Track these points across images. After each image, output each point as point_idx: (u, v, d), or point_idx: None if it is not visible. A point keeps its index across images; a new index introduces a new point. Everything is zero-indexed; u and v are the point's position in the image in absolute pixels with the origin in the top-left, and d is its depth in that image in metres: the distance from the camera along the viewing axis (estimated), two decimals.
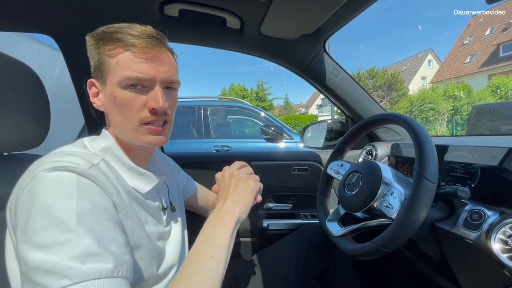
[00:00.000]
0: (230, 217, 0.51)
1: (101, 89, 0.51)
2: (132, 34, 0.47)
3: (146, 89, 0.49)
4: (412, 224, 0.52)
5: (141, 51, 0.48)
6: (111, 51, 0.48)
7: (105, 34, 0.48)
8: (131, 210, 0.49)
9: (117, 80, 0.47)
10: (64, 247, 0.36)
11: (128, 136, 0.52)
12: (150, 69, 0.48)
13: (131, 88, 0.48)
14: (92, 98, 0.53)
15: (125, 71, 0.47)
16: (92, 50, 0.50)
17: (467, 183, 0.64)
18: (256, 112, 3.68)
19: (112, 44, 0.47)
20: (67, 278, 0.34)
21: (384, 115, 0.74)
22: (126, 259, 0.41)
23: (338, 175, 0.79)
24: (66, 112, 1.95)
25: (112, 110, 0.51)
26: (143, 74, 0.48)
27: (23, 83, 0.58)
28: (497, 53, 17.99)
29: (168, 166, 0.73)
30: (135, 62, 0.47)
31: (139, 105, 0.49)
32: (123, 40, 0.47)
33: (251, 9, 0.81)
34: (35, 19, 0.83)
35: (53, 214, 0.37)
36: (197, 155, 1.30)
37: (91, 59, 0.51)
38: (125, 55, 0.47)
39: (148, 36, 0.48)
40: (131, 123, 0.50)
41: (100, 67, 0.49)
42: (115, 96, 0.48)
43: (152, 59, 0.49)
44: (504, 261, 0.49)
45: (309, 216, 1.21)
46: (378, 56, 66.15)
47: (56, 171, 0.40)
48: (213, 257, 0.46)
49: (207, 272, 0.44)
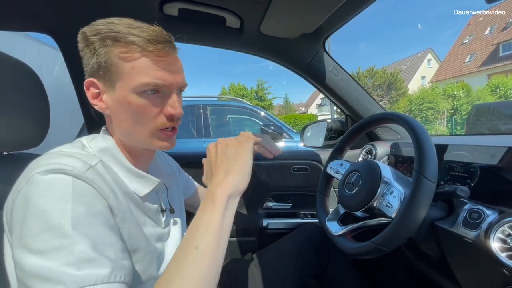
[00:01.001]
0: (221, 191, 0.44)
1: (106, 91, 0.48)
2: (147, 39, 0.45)
3: (161, 94, 0.48)
4: (411, 223, 0.52)
5: (159, 57, 0.46)
6: (125, 54, 0.45)
7: (115, 33, 0.45)
8: (128, 213, 0.48)
9: (133, 86, 0.46)
10: (59, 252, 0.35)
11: (140, 141, 0.50)
12: (167, 76, 0.47)
13: (147, 94, 0.47)
14: (92, 99, 0.49)
15: (143, 77, 0.45)
16: (96, 47, 0.46)
17: (466, 182, 0.64)
18: (255, 112, 3.69)
19: (125, 46, 0.45)
20: (63, 284, 0.34)
21: (383, 114, 0.74)
22: (124, 263, 0.41)
23: (337, 174, 0.80)
24: (65, 111, 1.95)
25: (122, 115, 0.48)
26: (162, 81, 0.47)
27: (22, 83, 0.57)
28: (497, 53, 18.01)
29: (168, 166, 0.73)
30: (153, 69, 0.46)
31: (156, 112, 0.48)
32: (139, 44, 0.45)
33: (251, 8, 0.81)
34: (34, 18, 0.83)
35: (47, 218, 0.36)
36: (197, 154, 1.30)
37: (89, 56, 0.47)
38: (142, 60, 0.45)
39: (164, 40, 0.47)
40: (146, 129, 0.49)
41: (108, 68, 0.46)
42: (129, 101, 0.46)
43: (170, 65, 0.48)
44: (503, 260, 0.49)
45: (309, 215, 1.21)
46: (377, 56, 66.21)
47: (51, 173, 0.39)
48: (198, 248, 0.39)
49: (191, 269, 0.38)
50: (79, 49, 0.49)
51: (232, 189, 0.45)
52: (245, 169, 0.47)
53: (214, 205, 0.43)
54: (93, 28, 0.46)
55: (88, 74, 0.49)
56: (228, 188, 0.44)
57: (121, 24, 0.46)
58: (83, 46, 0.48)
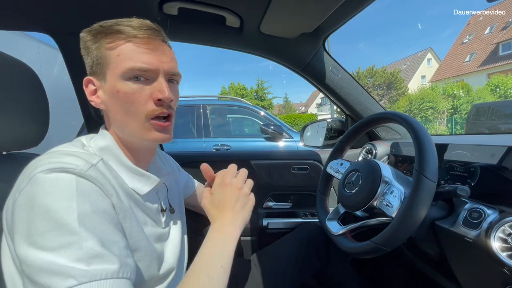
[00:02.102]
0: (235, 230, 0.52)
1: (100, 85, 0.50)
2: (132, 26, 0.47)
3: (149, 81, 0.48)
4: (412, 222, 0.52)
5: (143, 41, 0.47)
6: (111, 43, 0.46)
7: (103, 27, 0.47)
8: (129, 212, 0.48)
9: (119, 73, 0.46)
10: (68, 249, 0.36)
11: (133, 133, 0.50)
12: (153, 59, 0.47)
13: (134, 80, 0.47)
14: (90, 96, 0.51)
15: (128, 62, 0.46)
16: (89, 45, 0.48)
17: (466, 181, 0.64)
18: (255, 111, 3.68)
19: (112, 36, 0.46)
20: (73, 278, 0.34)
21: (383, 113, 0.74)
22: (128, 261, 0.41)
23: (337, 174, 0.79)
24: (65, 111, 1.95)
25: (114, 107, 0.49)
26: (147, 64, 0.47)
27: (22, 82, 0.57)
28: (497, 52, 18.00)
29: (168, 166, 0.73)
30: (138, 53, 0.46)
31: (144, 98, 0.48)
32: (124, 31, 0.46)
33: (251, 7, 0.81)
34: (33, 18, 0.83)
35: (54, 217, 0.37)
36: (197, 154, 1.30)
37: (87, 56, 0.49)
38: (127, 46, 0.46)
39: (148, 27, 0.48)
40: (137, 118, 0.48)
41: (99, 61, 0.48)
42: (118, 90, 0.47)
43: (154, 49, 0.48)
44: (503, 260, 0.49)
45: (309, 215, 1.21)
46: (377, 55, 66.11)
47: (54, 172, 0.40)
48: (222, 267, 0.47)
49: (216, 281, 0.46)
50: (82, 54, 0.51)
51: (240, 232, 0.53)
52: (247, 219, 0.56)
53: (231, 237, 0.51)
54: (89, 28, 0.48)
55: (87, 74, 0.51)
56: (238, 230, 0.53)
57: (112, 20, 0.48)
58: (82, 48, 0.50)
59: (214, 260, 0.48)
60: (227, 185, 0.55)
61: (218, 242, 0.50)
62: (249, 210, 0.57)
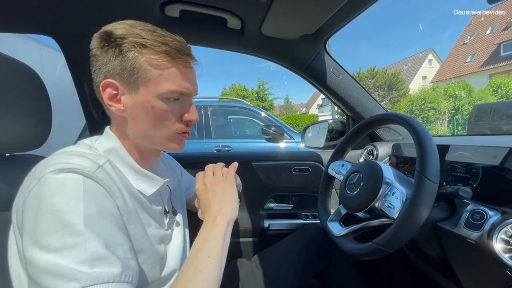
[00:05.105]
0: (221, 219, 0.52)
1: (127, 93, 0.48)
2: (176, 49, 0.48)
3: (180, 101, 0.52)
4: (413, 224, 0.52)
5: (186, 68, 0.51)
6: (156, 62, 0.47)
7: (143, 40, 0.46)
8: (134, 213, 0.48)
9: (159, 91, 0.48)
10: (72, 250, 0.36)
11: (155, 143, 0.53)
12: (190, 85, 0.52)
13: (170, 101, 0.50)
14: (108, 100, 0.49)
15: (170, 85, 0.48)
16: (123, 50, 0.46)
17: (468, 183, 0.64)
18: (256, 112, 3.68)
19: (156, 54, 0.47)
20: (76, 281, 0.34)
21: (385, 115, 0.74)
22: (131, 264, 0.42)
23: (339, 175, 0.79)
24: (67, 112, 1.95)
25: (142, 119, 0.50)
26: (186, 89, 0.51)
27: (24, 84, 0.58)
28: (498, 53, 17.96)
29: (170, 167, 0.73)
30: (180, 79, 0.50)
31: (176, 117, 0.52)
32: (170, 54, 0.48)
33: (252, 9, 0.81)
34: (35, 20, 0.84)
35: (60, 217, 0.37)
36: (198, 155, 1.30)
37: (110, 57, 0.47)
38: (172, 70, 0.49)
39: (189, 53, 0.51)
40: (165, 133, 0.52)
41: (134, 72, 0.46)
42: (153, 106, 0.49)
43: (191, 75, 0.52)
44: (506, 261, 0.49)
45: (310, 216, 1.21)
46: (378, 56, 66.12)
47: (62, 173, 0.40)
48: (210, 257, 0.47)
49: (205, 273, 0.46)
50: (92, 48, 0.48)
51: (229, 217, 0.53)
52: (234, 201, 0.56)
53: (216, 225, 0.51)
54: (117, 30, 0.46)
55: (103, 75, 0.48)
56: (226, 216, 0.53)
57: (144, 30, 0.47)
58: (102, 45, 0.47)
59: (200, 252, 0.48)
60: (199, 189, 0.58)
61: (204, 233, 0.51)
62: (230, 192, 0.57)
